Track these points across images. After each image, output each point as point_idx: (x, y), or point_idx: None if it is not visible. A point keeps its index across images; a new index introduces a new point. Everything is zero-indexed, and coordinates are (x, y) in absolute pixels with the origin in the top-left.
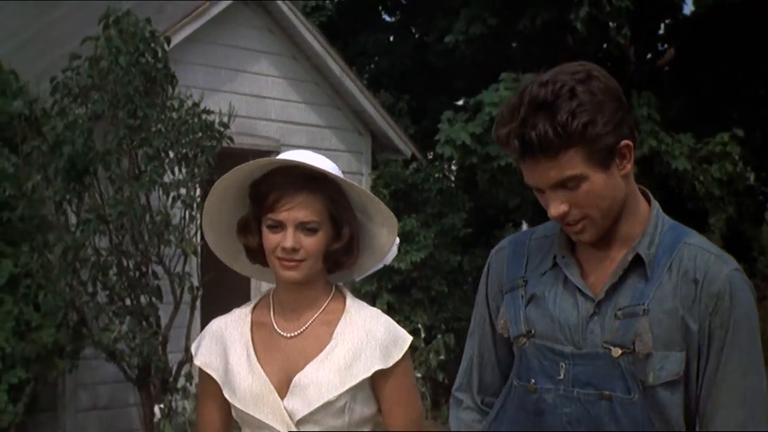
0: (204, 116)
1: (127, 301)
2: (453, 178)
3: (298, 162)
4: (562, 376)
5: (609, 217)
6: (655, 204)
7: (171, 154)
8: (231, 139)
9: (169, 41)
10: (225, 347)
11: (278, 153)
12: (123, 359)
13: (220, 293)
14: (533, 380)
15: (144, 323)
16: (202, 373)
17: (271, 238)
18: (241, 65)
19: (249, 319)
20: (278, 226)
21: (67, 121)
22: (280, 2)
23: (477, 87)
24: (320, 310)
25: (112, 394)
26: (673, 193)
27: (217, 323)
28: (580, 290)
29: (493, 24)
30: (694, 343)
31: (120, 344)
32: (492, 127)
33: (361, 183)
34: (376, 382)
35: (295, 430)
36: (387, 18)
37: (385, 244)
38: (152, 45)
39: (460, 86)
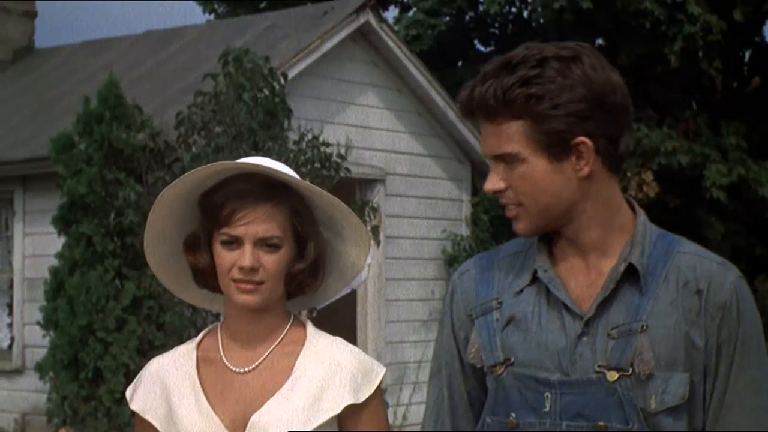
0: (322, 148)
1: None
2: None
3: (258, 167)
4: (548, 408)
5: (547, 216)
6: (641, 212)
7: None
8: (348, 169)
9: (286, 77)
10: (167, 389)
11: (384, 181)
12: None
13: (329, 313)
14: (513, 415)
15: None
16: (139, 421)
17: (225, 257)
18: (349, 98)
19: (194, 355)
20: (234, 242)
21: (192, 153)
22: (386, 38)
23: None
24: (277, 341)
25: None
26: (759, 218)
27: (156, 363)
28: (567, 307)
29: None
30: (700, 361)
31: None
32: None
33: (462, 209)
34: (345, 419)
35: None
36: (481, 49)
37: (354, 264)
38: (270, 81)
39: None
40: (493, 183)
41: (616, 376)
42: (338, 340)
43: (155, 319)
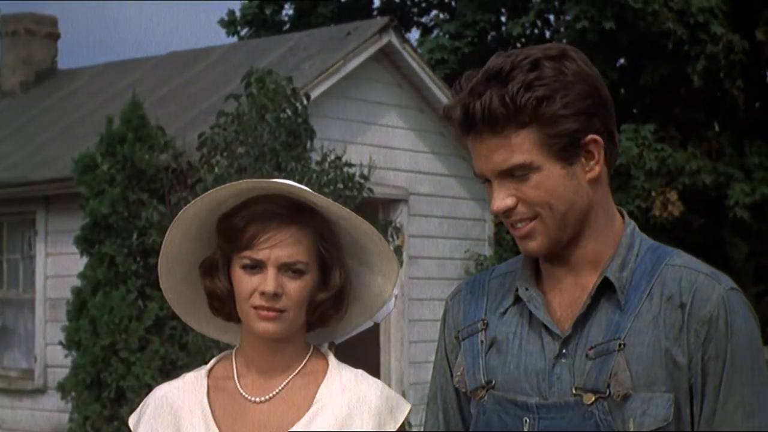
0: (345, 169)
1: None
2: None
3: (290, 186)
4: None
5: (564, 227)
6: (630, 222)
7: None
8: (371, 190)
9: (309, 98)
10: (176, 417)
11: (407, 201)
12: None
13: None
14: None
15: None
16: None
17: (246, 281)
18: (371, 118)
19: (205, 382)
20: (256, 267)
21: (215, 174)
22: (409, 59)
23: None
24: (296, 371)
25: None
26: None
27: (163, 390)
28: (546, 327)
29: (614, 78)
30: (684, 381)
31: None
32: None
33: (485, 229)
34: None
35: None
36: None
37: (379, 295)
38: (293, 101)
39: None
40: (503, 200)
41: (593, 398)
42: (362, 373)
43: (178, 339)
